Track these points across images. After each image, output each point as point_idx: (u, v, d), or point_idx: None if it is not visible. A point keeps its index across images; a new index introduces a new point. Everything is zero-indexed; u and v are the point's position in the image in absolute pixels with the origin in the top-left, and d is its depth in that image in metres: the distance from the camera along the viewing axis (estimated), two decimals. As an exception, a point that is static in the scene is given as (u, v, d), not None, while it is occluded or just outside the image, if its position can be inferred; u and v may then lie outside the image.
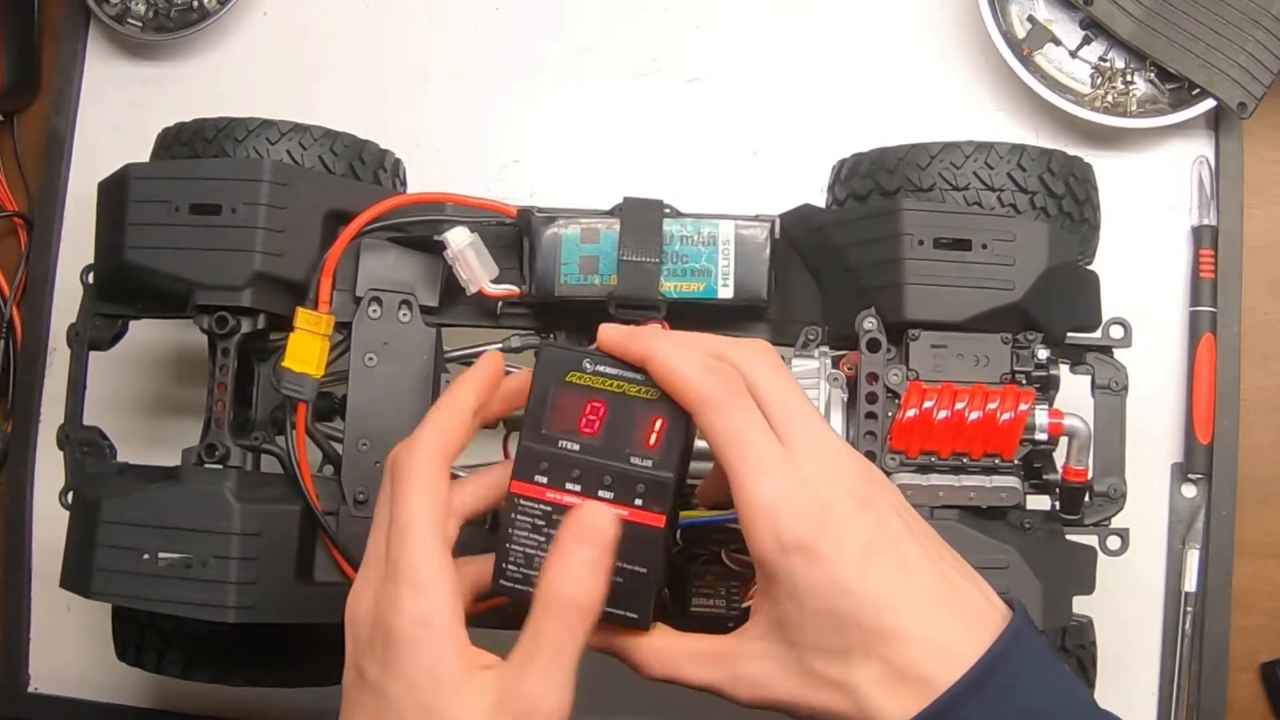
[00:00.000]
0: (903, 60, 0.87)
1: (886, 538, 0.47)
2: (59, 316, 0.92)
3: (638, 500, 0.49)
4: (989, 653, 0.45)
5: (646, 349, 0.49)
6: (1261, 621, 0.81)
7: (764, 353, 0.50)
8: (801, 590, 0.45)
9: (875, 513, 0.47)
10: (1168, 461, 0.82)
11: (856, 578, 0.45)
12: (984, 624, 0.46)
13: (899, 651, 0.45)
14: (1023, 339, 0.64)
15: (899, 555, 0.47)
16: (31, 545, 0.90)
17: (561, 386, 0.50)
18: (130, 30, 0.91)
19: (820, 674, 0.46)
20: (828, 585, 0.45)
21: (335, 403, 0.72)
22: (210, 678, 0.71)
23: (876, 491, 0.48)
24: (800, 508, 0.46)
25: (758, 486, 0.46)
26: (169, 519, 0.64)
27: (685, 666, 0.49)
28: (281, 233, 0.65)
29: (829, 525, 0.46)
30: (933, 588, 0.46)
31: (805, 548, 0.45)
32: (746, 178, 0.87)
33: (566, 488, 0.50)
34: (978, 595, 0.48)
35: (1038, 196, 0.67)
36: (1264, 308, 0.83)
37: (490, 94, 0.90)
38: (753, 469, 0.46)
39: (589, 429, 0.50)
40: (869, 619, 0.45)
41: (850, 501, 0.47)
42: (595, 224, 0.67)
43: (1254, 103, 0.79)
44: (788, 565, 0.45)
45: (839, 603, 0.45)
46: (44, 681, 0.91)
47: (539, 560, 0.49)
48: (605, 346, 0.50)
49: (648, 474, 0.49)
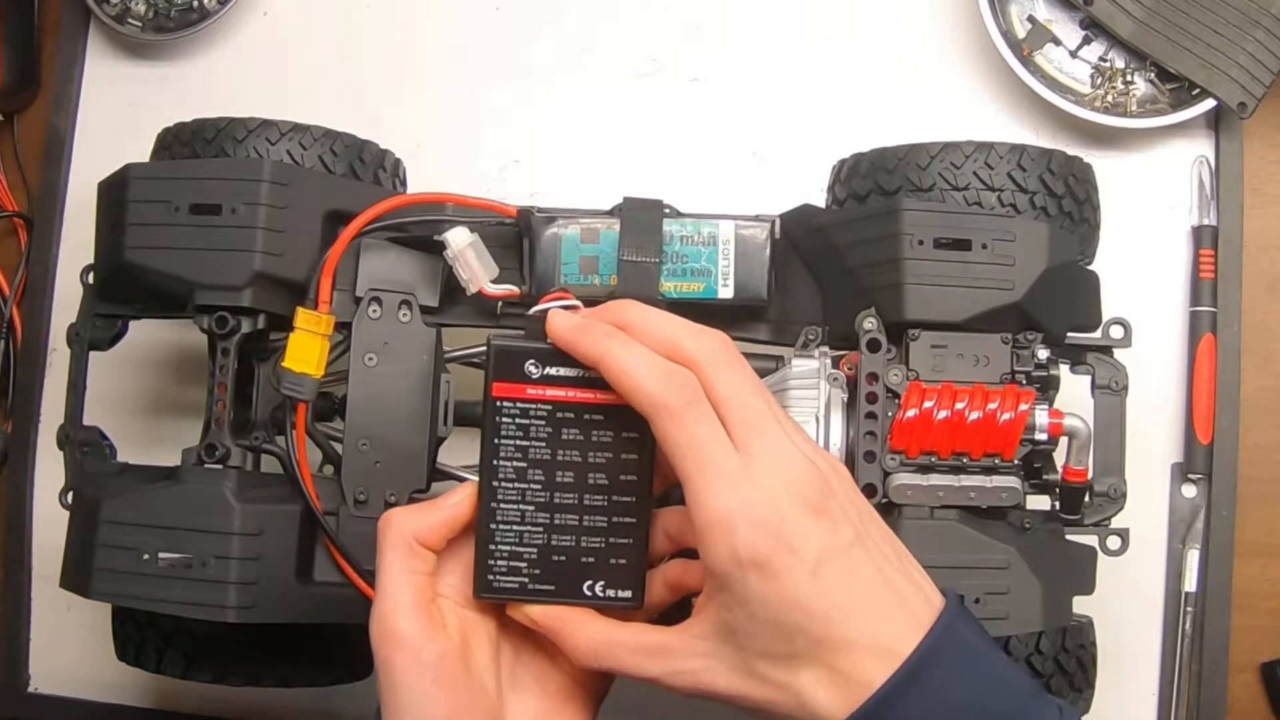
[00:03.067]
0: (903, 60, 0.87)
1: (837, 548, 0.46)
2: (59, 316, 0.92)
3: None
4: (917, 650, 0.45)
5: (599, 352, 0.48)
6: (1261, 621, 0.81)
7: (722, 349, 0.49)
8: (753, 602, 0.46)
9: (829, 522, 0.47)
10: (1168, 461, 0.82)
11: (808, 591, 0.45)
12: (919, 624, 0.47)
13: (843, 658, 0.45)
14: (1023, 339, 0.64)
15: (848, 564, 0.47)
16: (31, 545, 0.90)
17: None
18: (130, 30, 0.91)
19: (764, 675, 0.46)
20: (779, 599, 0.45)
21: (335, 403, 0.72)
22: (210, 678, 0.71)
23: (830, 499, 0.47)
24: (756, 521, 0.45)
25: (715, 500, 0.46)
26: (169, 519, 0.64)
27: (624, 658, 0.49)
28: (281, 233, 0.65)
29: (784, 539, 0.45)
30: (877, 594, 0.47)
31: (760, 563, 0.45)
32: (746, 178, 0.87)
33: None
34: (917, 596, 0.48)
35: (1038, 196, 0.67)
36: (1264, 308, 0.83)
37: (490, 94, 0.90)
38: (709, 481, 0.46)
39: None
40: (817, 629, 0.45)
41: (805, 512, 0.46)
42: (595, 224, 0.67)
43: (1254, 103, 0.79)
44: (742, 579, 0.45)
45: (788, 615, 0.45)
46: (44, 681, 0.91)
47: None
48: (557, 341, 0.50)
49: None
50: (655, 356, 0.48)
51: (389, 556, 0.50)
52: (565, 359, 0.50)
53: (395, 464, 0.67)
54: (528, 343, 0.50)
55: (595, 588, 0.51)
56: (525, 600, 0.51)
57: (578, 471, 0.50)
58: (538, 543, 0.51)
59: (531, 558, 0.51)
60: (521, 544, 0.51)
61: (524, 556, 0.51)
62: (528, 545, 0.51)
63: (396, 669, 0.49)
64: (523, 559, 0.51)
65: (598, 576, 0.51)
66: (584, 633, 0.50)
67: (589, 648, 0.50)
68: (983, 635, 0.48)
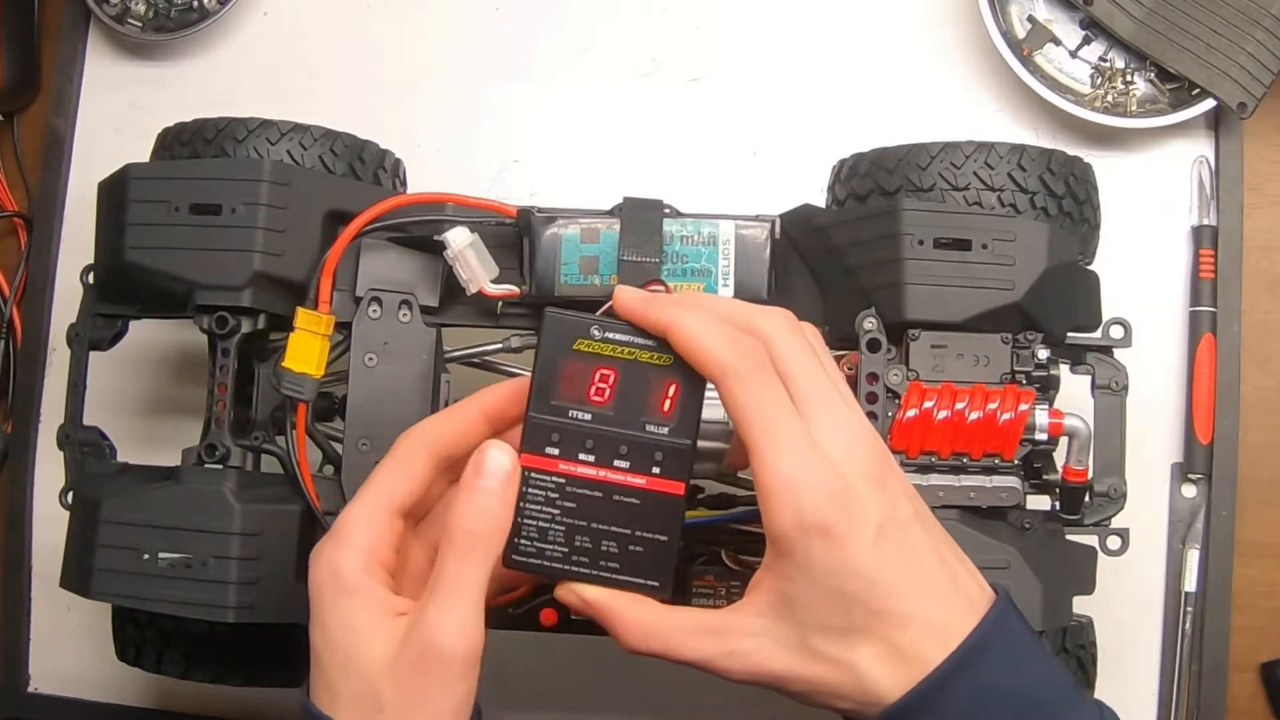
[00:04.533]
0: (903, 60, 0.87)
1: (897, 522, 0.47)
2: (59, 316, 0.92)
3: (655, 469, 0.49)
4: (975, 631, 0.46)
5: (668, 319, 0.48)
6: (1261, 621, 0.81)
7: (787, 323, 0.50)
8: (815, 569, 0.46)
9: (889, 495, 0.47)
10: (1168, 461, 0.82)
11: (869, 560, 0.46)
12: (975, 608, 0.47)
13: (900, 632, 0.46)
14: (1023, 339, 0.64)
15: (906, 539, 0.47)
16: (31, 545, 0.90)
17: (569, 355, 0.49)
18: (130, 30, 0.91)
19: (821, 651, 0.46)
20: (842, 566, 0.45)
21: (335, 403, 0.72)
22: (210, 678, 0.71)
23: (890, 472, 0.48)
24: (822, 486, 0.46)
25: (780, 462, 0.46)
26: (169, 519, 0.64)
27: (675, 640, 0.49)
28: (281, 233, 0.65)
29: (848, 506, 0.46)
30: (934, 573, 0.47)
31: (825, 528, 0.45)
32: (746, 178, 0.87)
33: (580, 458, 0.49)
34: (971, 581, 0.49)
35: (1038, 196, 0.67)
36: (1264, 308, 0.83)
37: (490, 94, 0.90)
38: (776, 444, 0.46)
39: (600, 397, 0.49)
40: (876, 601, 0.46)
41: (867, 482, 0.47)
42: (595, 224, 0.67)
43: (1254, 103, 0.79)
44: (805, 544, 0.46)
45: (850, 583, 0.46)
46: (44, 681, 0.91)
47: (554, 534, 0.49)
48: (622, 311, 0.50)
49: (665, 442, 0.49)
50: (724, 324, 0.48)
51: (390, 456, 0.51)
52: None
53: (395, 464, 0.66)
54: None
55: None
56: (550, 574, 0.50)
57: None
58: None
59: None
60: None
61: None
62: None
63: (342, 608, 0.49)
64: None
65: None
66: (633, 614, 0.49)
67: (639, 629, 0.49)
68: (1030, 629, 0.49)
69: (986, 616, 0.47)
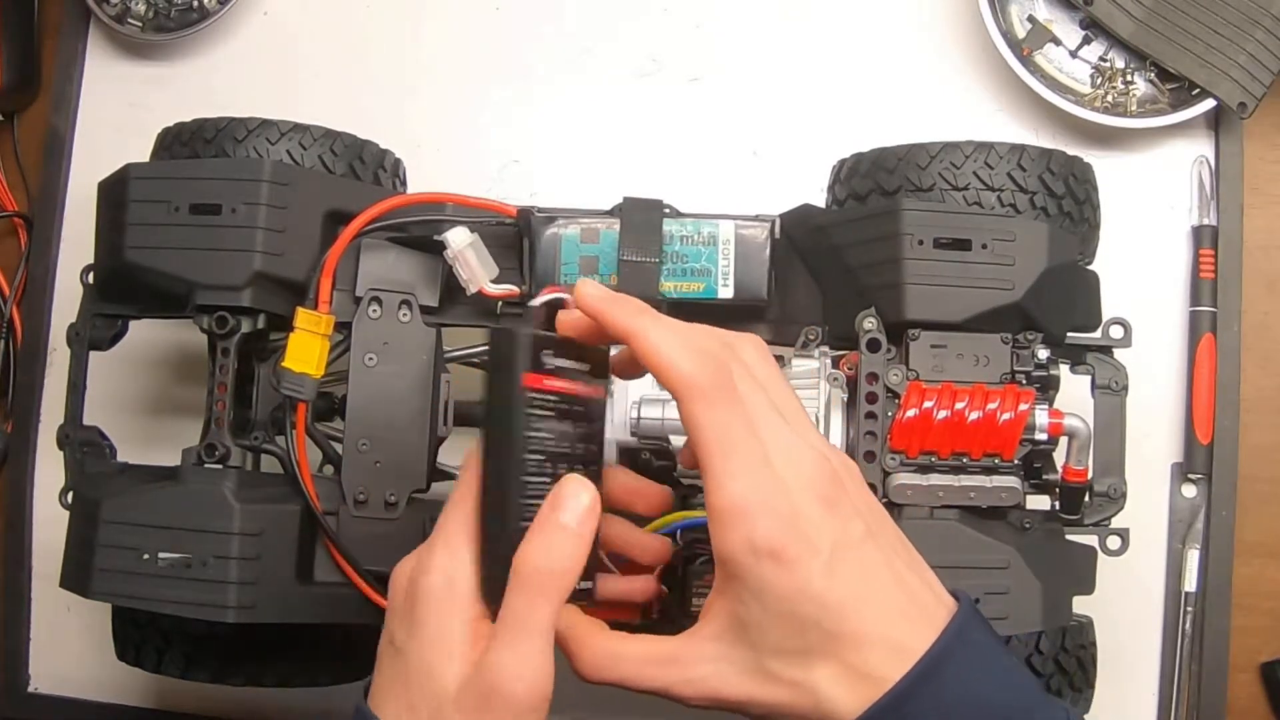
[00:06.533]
0: (903, 60, 0.87)
1: (849, 542, 0.47)
2: (59, 316, 0.92)
3: None
4: (933, 647, 0.45)
5: (634, 326, 0.48)
6: (1261, 621, 0.81)
7: (752, 345, 0.50)
8: (767, 593, 0.45)
9: (841, 516, 0.47)
10: (1168, 461, 0.82)
11: (822, 583, 0.45)
12: (933, 622, 0.47)
13: (857, 653, 0.45)
14: (1023, 339, 0.64)
15: (860, 559, 0.47)
16: (31, 545, 0.90)
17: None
18: (130, 30, 0.91)
19: (778, 674, 0.46)
20: (794, 590, 0.45)
21: (335, 403, 0.72)
22: (210, 678, 0.71)
23: (842, 493, 0.48)
24: (774, 511, 0.45)
25: (734, 486, 0.46)
26: (169, 519, 0.64)
27: (631, 670, 0.48)
28: (281, 233, 0.65)
29: (800, 530, 0.46)
30: (889, 590, 0.47)
31: (777, 553, 0.45)
32: (746, 178, 0.87)
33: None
34: (928, 594, 0.48)
35: (1038, 196, 0.67)
36: (1264, 308, 0.83)
37: (490, 94, 0.90)
38: (731, 467, 0.46)
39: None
40: (831, 623, 0.45)
41: (819, 505, 0.46)
42: (595, 224, 0.67)
43: (1254, 103, 0.79)
44: (757, 568, 0.45)
45: (803, 607, 0.45)
46: (44, 681, 0.91)
47: None
48: (584, 307, 0.49)
49: None
50: (687, 338, 0.47)
51: None
52: (571, 350, 0.49)
53: (395, 464, 0.67)
54: (542, 331, 0.49)
55: None
56: None
57: (570, 463, 0.50)
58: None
59: None
60: None
61: None
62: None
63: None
64: None
65: None
66: (588, 647, 0.49)
67: (593, 661, 0.49)
68: (994, 637, 0.48)
69: (946, 630, 0.46)
